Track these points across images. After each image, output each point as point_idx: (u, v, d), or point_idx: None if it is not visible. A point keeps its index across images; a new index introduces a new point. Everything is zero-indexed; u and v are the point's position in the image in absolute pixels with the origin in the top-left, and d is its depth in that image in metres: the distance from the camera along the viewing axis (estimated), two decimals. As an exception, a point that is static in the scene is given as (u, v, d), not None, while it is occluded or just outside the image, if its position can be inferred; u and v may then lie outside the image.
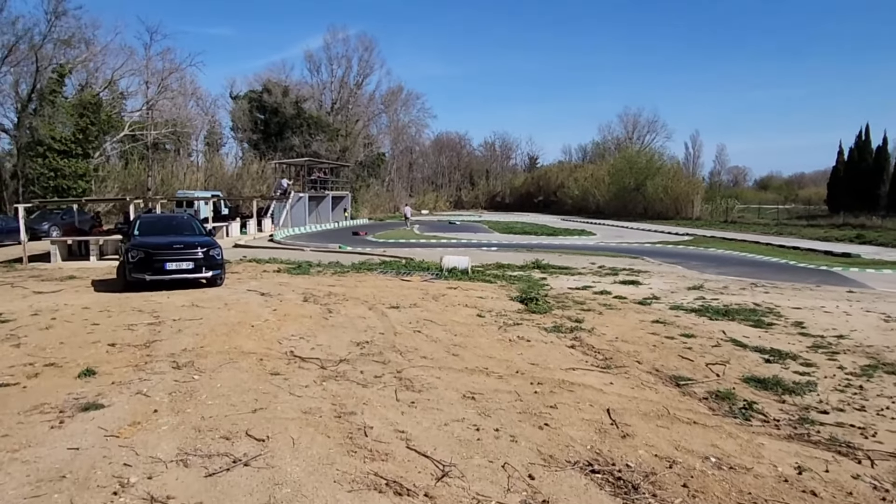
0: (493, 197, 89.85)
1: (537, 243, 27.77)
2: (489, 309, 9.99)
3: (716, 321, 9.89)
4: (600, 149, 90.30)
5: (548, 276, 15.84)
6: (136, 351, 6.09)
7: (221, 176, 48.98)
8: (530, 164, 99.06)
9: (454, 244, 27.20)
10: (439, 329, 8.08)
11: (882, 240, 28.04)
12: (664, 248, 25.69)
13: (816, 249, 24.42)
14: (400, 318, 8.67)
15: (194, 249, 11.04)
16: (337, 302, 9.94)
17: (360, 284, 12.50)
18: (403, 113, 73.09)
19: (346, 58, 61.93)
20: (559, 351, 7.32)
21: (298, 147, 51.38)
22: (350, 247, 24.62)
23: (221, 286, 11.48)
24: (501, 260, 19.30)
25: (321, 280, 13.30)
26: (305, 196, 39.08)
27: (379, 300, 10.24)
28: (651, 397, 5.74)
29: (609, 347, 7.71)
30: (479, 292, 12.07)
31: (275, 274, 14.70)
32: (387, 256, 20.42)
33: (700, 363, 7.26)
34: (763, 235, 33.27)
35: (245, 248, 24.76)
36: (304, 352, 6.45)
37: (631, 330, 8.91)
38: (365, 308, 9.48)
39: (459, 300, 10.65)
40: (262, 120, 53.72)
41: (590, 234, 34.65)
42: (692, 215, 52.58)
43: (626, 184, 59.90)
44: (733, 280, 15.63)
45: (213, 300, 9.60)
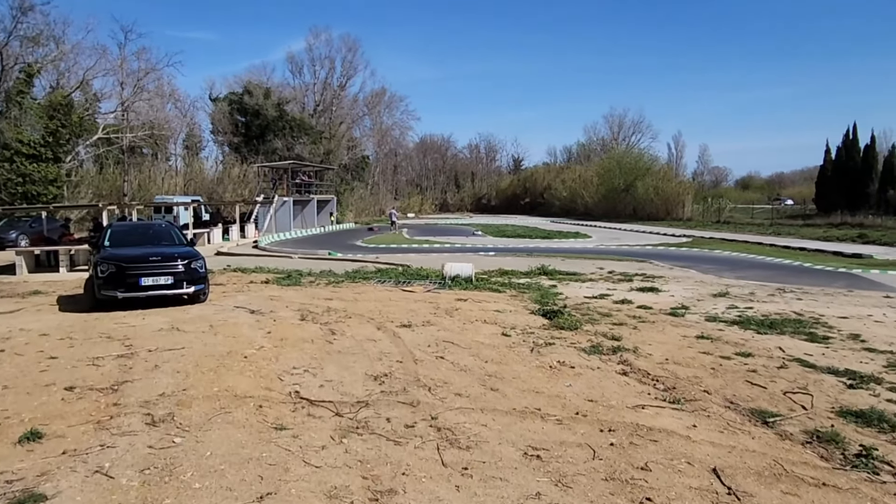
0: (478, 199, 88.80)
1: (534, 247, 26.70)
2: (512, 325, 8.83)
3: (765, 335, 8.86)
4: (585, 150, 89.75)
5: (558, 284, 14.75)
6: (101, 398, 4.81)
7: (202, 180, 47.29)
8: (515, 165, 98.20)
9: (448, 249, 26.02)
10: (465, 353, 6.89)
11: (887, 239, 27.39)
12: (667, 251, 24.75)
13: (824, 250, 23.63)
14: (415, 340, 7.47)
15: (173, 262, 9.73)
16: (339, 320, 8.71)
17: (360, 297, 11.27)
18: (387, 115, 71.87)
19: (330, 59, 60.60)
20: (611, 380, 6.18)
21: (281, 150, 49.86)
22: (340, 253, 23.33)
23: (205, 302, 10.17)
24: (503, 266, 18.19)
25: (316, 292, 12.04)
26: (290, 200, 37.65)
27: (386, 317, 9.02)
28: (750, 445, 4.61)
29: (664, 373, 6.60)
30: (493, 304, 10.90)
31: (263, 286, 13.40)
32: (381, 264, 19.18)
33: (774, 391, 6.18)
34: (762, 236, 32.54)
35: (228, 255, 23.35)
36: (312, 391, 5.22)
37: (678, 349, 7.82)
38: (372, 327, 8.26)
39: (476, 315, 9.47)
40: (244, 122, 52.08)
41: (585, 236, 33.67)
42: (683, 216, 51.98)
43: (615, 185, 59.13)
44: (756, 285, 14.64)
45: (196, 321, 8.31)
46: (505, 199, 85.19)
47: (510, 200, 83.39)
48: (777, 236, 32.06)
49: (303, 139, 52.45)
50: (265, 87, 53.77)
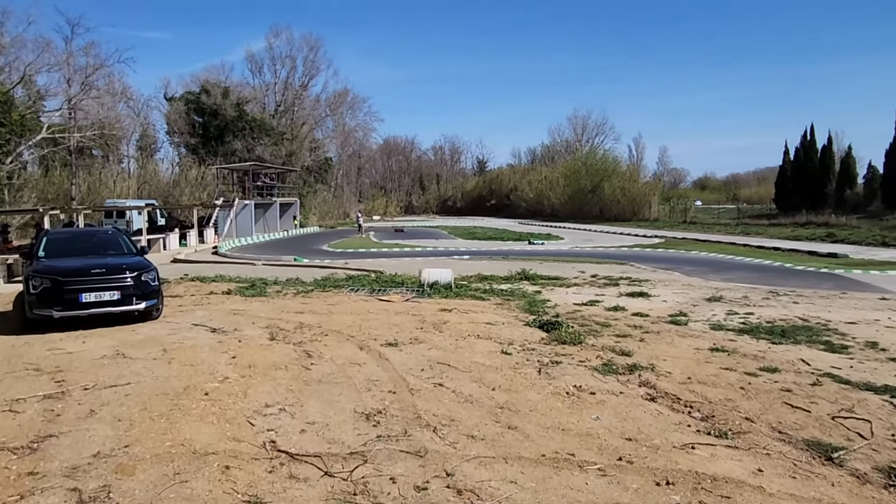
0: (444, 201, 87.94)
1: (508, 250, 25.93)
2: (508, 340, 7.93)
3: (781, 345, 8.18)
4: (550, 151, 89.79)
5: (542, 290, 13.95)
6: (13, 462, 3.64)
7: (157, 183, 45.21)
8: (480, 167, 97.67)
9: (420, 253, 25.02)
10: (465, 379, 5.95)
11: (854, 238, 27.54)
12: (643, 253, 24.28)
13: (799, 250, 23.49)
14: (406, 363, 6.49)
15: (121, 274, 8.50)
16: (314, 338, 7.65)
17: (335, 309, 10.21)
18: (350, 116, 70.33)
19: (291, 58, 58.89)
20: (640, 408, 5.32)
21: (241, 151, 48.04)
22: (307, 259, 22.09)
23: (159, 320, 8.95)
24: (481, 270, 17.29)
25: (284, 304, 10.92)
26: (251, 203, 36.07)
27: (367, 333, 8.01)
28: (835, 496, 3.79)
29: (693, 396, 5.78)
30: (481, 315, 9.98)
31: (225, 297, 12.20)
32: (352, 270, 18.08)
33: (820, 414, 5.45)
34: (731, 236, 32.50)
35: (186, 262, 21.88)
36: (292, 439, 4.19)
37: (696, 364, 7.04)
38: (353, 347, 7.24)
39: (467, 329, 8.54)
40: (201, 123, 50.02)
41: (558, 238, 33.10)
42: (650, 217, 52.11)
43: (581, 186, 59.03)
44: (746, 287, 14.11)
45: (147, 345, 7.14)
46: (470, 200, 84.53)
47: (476, 202, 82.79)
48: (747, 236, 32.05)
49: (264, 140, 50.72)
50: (223, 86, 51.84)
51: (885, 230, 29.56)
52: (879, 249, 23.94)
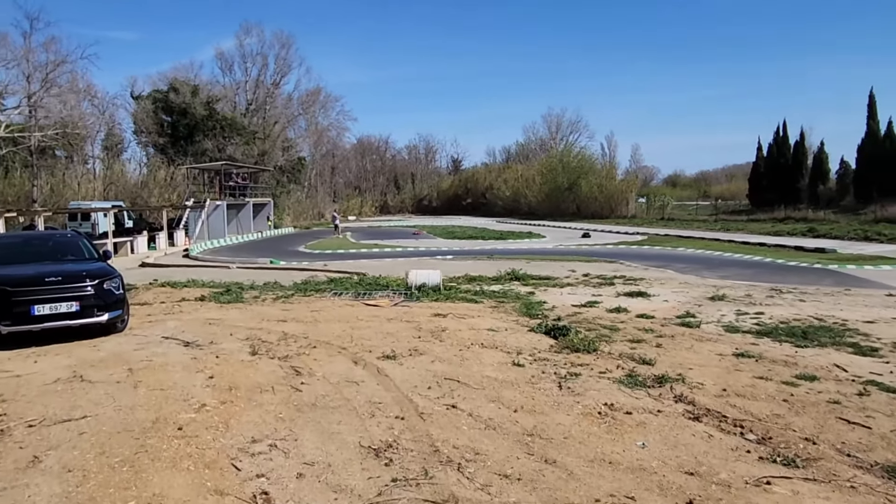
0: (419, 201, 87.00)
1: (491, 249, 25.27)
2: (516, 349, 7.21)
3: (806, 348, 7.63)
4: (524, 150, 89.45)
5: (535, 290, 13.30)
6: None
7: (124, 184, 43.48)
8: (454, 166, 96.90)
9: (401, 253, 24.21)
10: (481, 398, 5.20)
11: (836, 233, 27.53)
12: (630, 250, 23.83)
13: (785, 245, 23.29)
14: (409, 379, 5.72)
15: (80, 282, 7.54)
16: (301, 352, 6.83)
17: (320, 316, 9.37)
18: (322, 116, 68.89)
19: (262, 55, 57.40)
20: (687, 429, 4.64)
21: (212, 151, 46.51)
22: (284, 261, 21.12)
23: (124, 332, 8.01)
24: (468, 271, 16.59)
25: (264, 312, 10.04)
26: (223, 204, 34.82)
27: (360, 344, 7.21)
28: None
29: (738, 412, 5.14)
30: (479, 320, 9.25)
31: (198, 304, 11.26)
32: (332, 272, 17.20)
33: (882, 431, 4.85)
34: (713, 232, 32.35)
35: (155, 267, 20.73)
36: (289, 490, 3.39)
37: (726, 373, 6.41)
38: (346, 361, 6.44)
39: (468, 336, 7.79)
40: (170, 122, 48.31)
41: (539, 236, 32.58)
42: (627, 214, 52.03)
43: (558, 183, 58.76)
44: (745, 285, 13.63)
45: (110, 364, 6.23)
46: (446, 199, 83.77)
47: (452, 201, 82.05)
48: (727, 232, 31.94)
49: (235, 140, 49.25)
50: (193, 84, 50.18)
51: (865, 224, 29.65)
52: (863, 244, 23.89)
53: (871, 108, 44.47)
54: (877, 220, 30.39)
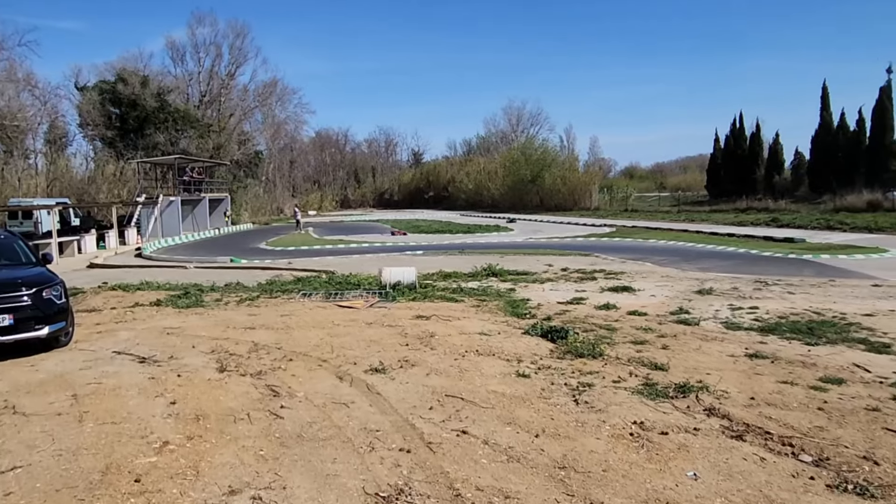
0: (381, 194, 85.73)
1: (461, 243, 24.61)
2: (516, 355, 6.57)
3: (817, 346, 7.23)
4: (485, 143, 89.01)
5: (515, 287, 12.73)
6: None
7: (69, 180, 41.04)
8: (415, 159, 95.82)
9: (368, 249, 23.34)
10: (492, 419, 4.53)
11: (799, 222, 27.83)
12: (601, 242, 23.51)
13: (754, 235, 23.33)
14: (406, 398, 5.01)
15: (14, 292, 6.52)
16: (276, 366, 6.02)
17: (292, 322, 8.53)
18: (279, 108, 66.87)
19: (216, 45, 55.19)
20: (735, 452, 4.06)
21: (164, 145, 44.43)
22: (245, 259, 20.01)
23: (68, 347, 7.04)
24: (441, 267, 15.90)
25: (228, 317, 9.14)
26: (177, 200, 33.20)
27: (343, 355, 6.44)
28: None
29: (778, 427, 4.61)
30: (466, 321, 8.58)
31: (154, 310, 10.26)
32: (298, 271, 16.26)
33: (935, 443, 4.35)
34: (678, 223, 32.43)
35: (105, 268, 19.37)
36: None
37: (746, 378, 5.91)
38: (330, 377, 5.68)
39: (460, 343, 7.10)
40: (118, 114, 45.93)
41: (507, 230, 32.08)
42: (590, 206, 52.06)
43: (521, 176, 58.43)
44: (729, 277, 13.34)
45: (50, 388, 5.31)
46: (408, 193, 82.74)
47: (413, 195, 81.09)
48: (692, 223, 32.06)
49: (188, 133, 47.23)
50: (142, 74, 47.88)
51: (826, 214, 30.13)
52: (827, 233, 24.14)
53: (824, 100, 45.37)
54: (836, 210, 30.94)
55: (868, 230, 23.97)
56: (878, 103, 39.61)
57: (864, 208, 29.89)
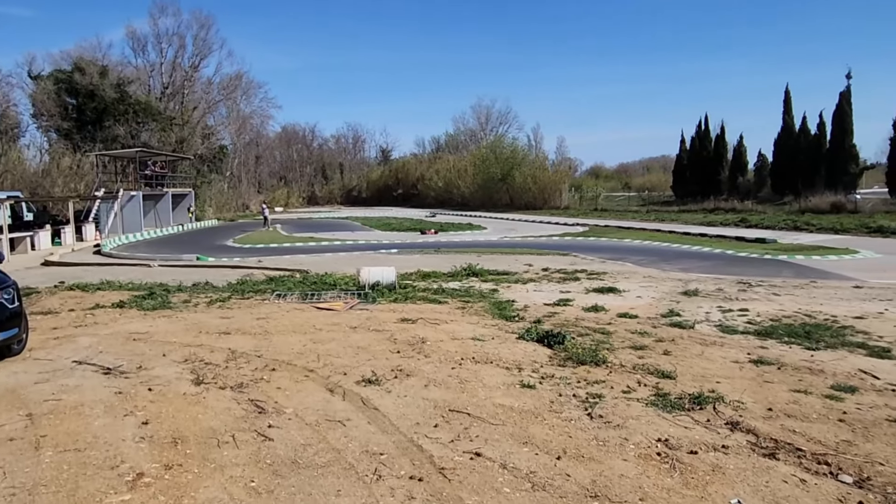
0: (349, 192, 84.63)
1: (436, 242, 24.20)
2: (515, 363, 6.19)
3: (819, 351, 7.04)
4: (454, 141, 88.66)
5: (497, 287, 12.40)
6: None
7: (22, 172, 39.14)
8: (384, 156, 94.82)
9: (340, 247, 22.73)
10: (504, 438, 4.13)
11: (767, 223, 28.24)
12: (577, 242, 23.38)
13: (726, 236, 23.50)
14: (406, 413, 4.58)
15: (-40, 295, 5.87)
16: (258, 377, 5.51)
17: (269, 326, 7.99)
18: (245, 102, 65.33)
19: (179, 35, 53.51)
20: (772, 474, 3.75)
21: (124, 137, 42.83)
22: (212, 257, 19.21)
23: (21, 356, 6.38)
24: (419, 266, 15.48)
25: (200, 321, 8.54)
26: (139, 195, 31.95)
27: (330, 364, 5.96)
28: None
29: (806, 441, 4.34)
30: (455, 325, 8.17)
31: (117, 312, 9.57)
32: (270, 269, 15.62)
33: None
34: (649, 222, 32.63)
35: (61, 265, 18.35)
36: None
37: (758, 386, 5.66)
38: (320, 389, 5.20)
39: (452, 348, 6.69)
40: (75, 105, 44.10)
41: (480, 228, 31.80)
42: (560, 205, 52.17)
43: (492, 174, 58.25)
44: (711, 278, 13.25)
45: (0, 408, 4.71)
46: (377, 190, 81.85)
47: (382, 192, 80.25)
48: (662, 222, 32.30)
49: (150, 125, 45.68)
50: (101, 64, 46.06)
51: (792, 215, 30.65)
52: (795, 233, 24.49)
53: (786, 104, 46.30)
54: (802, 211, 31.51)
55: (834, 231, 24.41)
56: (839, 108, 40.57)
57: (829, 210, 30.52)
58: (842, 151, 39.47)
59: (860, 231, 23.81)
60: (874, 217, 27.36)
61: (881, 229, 23.49)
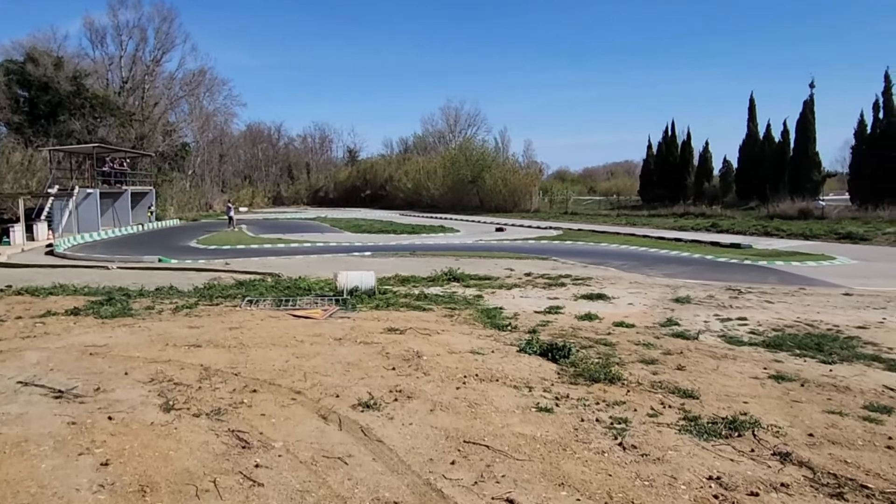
0: (316, 192, 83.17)
1: (409, 244, 23.52)
2: (522, 381, 5.63)
3: (836, 365, 6.68)
4: (422, 142, 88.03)
5: (481, 293, 11.89)
6: None
7: (-32, 168, 37.07)
8: (351, 157, 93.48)
9: (310, 249, 21.86)
10: (535, 475, 3.56)
11: (738, 228, 28.40)
12: (553, 245, 23.01)
13: (701, 241, 23.44)
14: (417, 447, 3.96)
15: None
16: (238, 401, 4.81)
17: (244, 336, 7.25)
18: (208, 100, 63.58)
19: (140, 28, 51.59)
20: (845, 518, 3.25)
21: (80, 133, 40.87)
22: (175, 259, 18.17)
23: (-41, 373, 5.55)
24: (396, 270, 14.84)
25: (166, 330, 7.74)
26: (96, 192, 30.39)
27: (319, 384, 5.30)
28: None
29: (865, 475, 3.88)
30: (447, 336, 7.57)
31: (71, 320, 8.68)
32: (239, 273, 14.74)
33: None
34: (621, 226, 32.49)
35: (9, 267, 17.08)
36: None
37: (787, 406, 5.22)
38: (311, 416, 4.54)
39: (451, 364, 6.09)
40: (27, 98, 41.95)
41: (452, 230, 31.21)
42: (530, 208, 51.98)
43: (462, 176, 57.83)
44: (697, 285, 12.93)
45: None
46: (344, 191, 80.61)
47: (349, 193, 79.08)
48: (634, 226, 32.22)
49: (108, 121, 43.76)
50: (55, 55, 43.98)
51: (761, 220, 30.96)
52: (768, 239, 24.61)
53: (751, 111, 47.16)
54: (770, 217, 31.88)
55: (804, 237, 24.61)
56: (802, 116, 41.40)
57: (796, 216, 30.91)
58: (805, 159, 40.25)
59: (830, 237, 24.05)
60: (842, 223, 27.77)
61: (850, 235, 23.77)
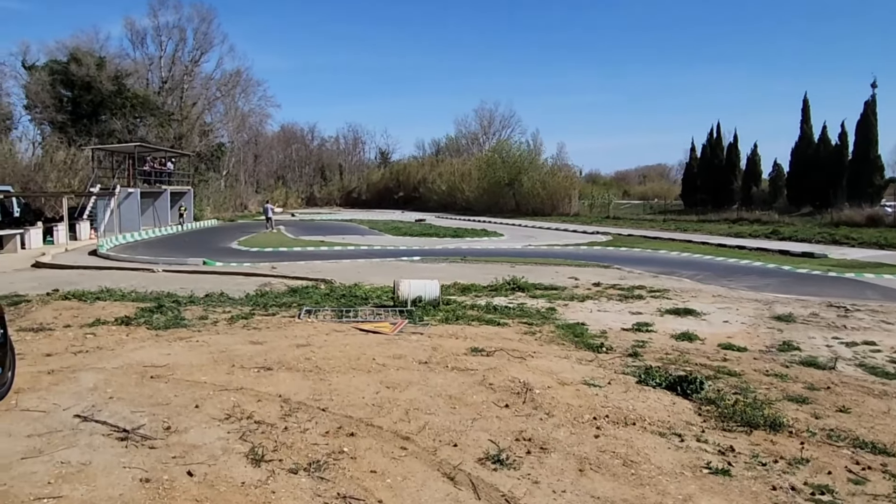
0: (348, 193, 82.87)
1: (456, 249, 22.62)
2: (665, 425, 4.66)
3: None
4: (455, 144, 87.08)
5: (553, 305, 10.94)
6: None
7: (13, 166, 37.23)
8: (383, 158, 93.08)
9: (354, 253, 21.12)
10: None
11: (801, 236, 26.83)
12: (608, 252, 21.88)
13: (768, 249, 22.07)
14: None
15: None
16: (337, 450, 3.93)
17: (315, 355, 6.38)
18: (243, 100, 63.56)
19: (179, 28, 51.77)
20: None
21: (120, 132, 41.02)
22: (220, 262, 17.57)
23: (4, 401, 4.78)
24: (454, 278, 13.92)
25: (227, 346, 6.92)
26: (137, 192, 30.20)
27: (429, 429, 4.39)
28: None
29: None
30: (544, 360, 6.61)
31: (123, 331, 7.95)
32: (289, 278, 14.00)
33: None
34: (671, 232, 31.16)
35: (54, 268, 16.65)
36: None
37: None
38: (433, 475, 3.64)
39: (571, 400, 5.13)
40: (70, 97, 42.24)
41: (496, 234, 30.24)
42: (570, 211, 50.67)
43: (498, 178, 56.72)
44: (790, 299, 11.76)
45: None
46: (376, 192, 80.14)
47: (382, 194, 78.59)
48: (685, 232, 30.87)
49: (148, 120, 43.94)
50: (98, 56, 44.26)
51: (826, 227, 29.29)
52: (838, 248, 23.12)
53: (805, 112, 45.16)
54: (835, 224, 30.15)
55: (878, 246, 23.03)
56: (863, 118, 39.39)
57: (864, 223, 29.15)
58: (866, 162, 38.27)
59: (908, 246, 22.47)
60: (917, 231, 26.06)
61: (931, 245, 22.16)
